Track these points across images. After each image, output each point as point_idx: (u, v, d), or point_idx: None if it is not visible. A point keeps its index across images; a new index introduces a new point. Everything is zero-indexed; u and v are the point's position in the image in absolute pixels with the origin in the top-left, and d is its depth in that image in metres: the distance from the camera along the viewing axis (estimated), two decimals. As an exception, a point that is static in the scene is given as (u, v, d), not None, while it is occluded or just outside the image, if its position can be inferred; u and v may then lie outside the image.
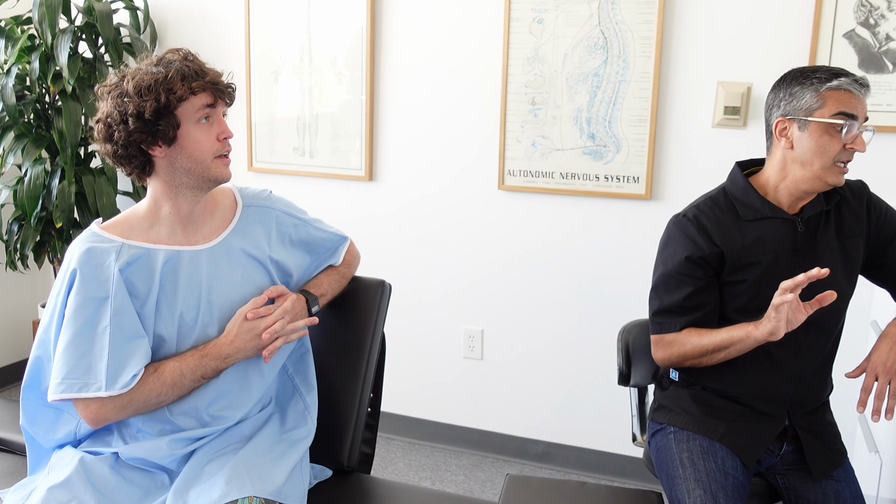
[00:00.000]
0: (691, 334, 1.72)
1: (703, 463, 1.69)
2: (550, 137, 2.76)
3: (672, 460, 1.74)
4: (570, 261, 2.84)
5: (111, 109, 1.49)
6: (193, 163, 1.52)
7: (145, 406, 1.49)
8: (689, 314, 1.73)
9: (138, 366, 1.47)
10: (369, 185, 3.08)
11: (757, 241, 1.72)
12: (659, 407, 1.86)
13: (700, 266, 1.72)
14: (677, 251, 1.74)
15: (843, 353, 2.55)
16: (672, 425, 1.80)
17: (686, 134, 2.63)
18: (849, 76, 1.63)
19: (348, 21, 2.97)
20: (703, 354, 1.70)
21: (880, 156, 2.43)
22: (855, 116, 1.62)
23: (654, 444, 1.84)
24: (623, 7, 2.60)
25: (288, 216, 1.73)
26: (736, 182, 1.78)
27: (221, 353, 1.54)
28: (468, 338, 3.03)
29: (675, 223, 1.77)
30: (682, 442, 1.75)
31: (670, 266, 1.75)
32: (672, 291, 1.75)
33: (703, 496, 1.62)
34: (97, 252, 1.50)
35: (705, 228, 1.73)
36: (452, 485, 2.87)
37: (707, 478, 1.66)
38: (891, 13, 2.36)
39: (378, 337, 1.85)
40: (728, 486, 1.66)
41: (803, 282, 1.51)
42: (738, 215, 1.75)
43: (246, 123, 3.20)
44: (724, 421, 1.75)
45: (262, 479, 1.49)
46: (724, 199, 1.78)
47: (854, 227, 1.76)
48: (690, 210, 1.78)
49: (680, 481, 1.68)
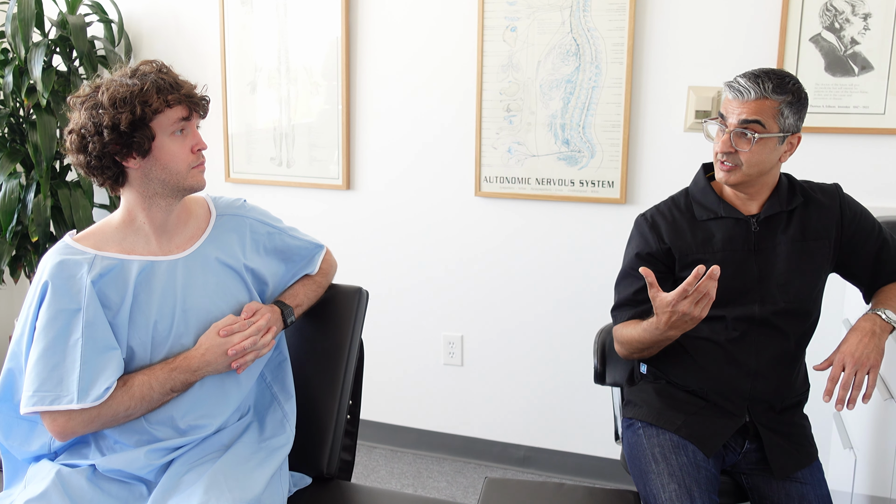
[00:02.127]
0: (627, 326, 1.79)
1: (674, 457, 1.72)
2: (526, 144, 2.78)
3: (644, 455, 1.76)
4: (548, 266, 2.87)
5: (85, 121, 1.49)
6: (168, 174, 1.53)
7: (113, 420, 1.49)
8: (639, 306, 1.80)
9: (111, 378, 1.46)
10: (347, 194, 3.09)
11: (706, 239, 1.78)
12: (627, 402, 1.92)
13: (648, 262, 1.78)
14: (631, 248, 1.85)
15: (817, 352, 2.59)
16: (638, 419, 1.84)
17: (659, 138, 2.67)
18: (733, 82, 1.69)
19: (324, 31, 2.99)
20: (636, 346, 1.77)
21: (850, 158, 2.48)
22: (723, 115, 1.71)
23: (626, 440, 1.88)
24: (595, 14, 2.63)
25: (262, 224, 1.73)
26: (697, 183, 1.85)
27: (191, 367, 1.53)
28: (448, 344, 3.04)
29: (635, 223, 1.87)
30: (653, 437, 1.78)
31: (626, 263, 1.85)
32: (626, 287, 1.84)
33: (678, 490, 1.64)
34: (69, 264, 1.50)
35: (657, 227, 1.81)
36: (435, 491, 2.88)
37: (680, 471, 1.68)
38: (855, 17, 2.41)
39: (356, 344, 1.86)
40: (701, 479, 1.68)
41: (690, 282, 1.55)
42: (695, 215, 1.81)
43: (223, 134, 3.20)
44: (683, 413, 1.79)
45: (241, 488, 1.49)
46: (684, 200, 1.85)
47: (821, 229, 1.78)
48: (651, 210, 1.86)
49: (654, 476, 1.70)
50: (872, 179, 2.46)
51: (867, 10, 2.39)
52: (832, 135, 2.49)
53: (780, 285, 1.76)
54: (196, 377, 1.55)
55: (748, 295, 1.75)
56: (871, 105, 2.43)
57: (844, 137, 2.48)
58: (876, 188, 2.46)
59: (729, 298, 1.73)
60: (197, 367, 1.54)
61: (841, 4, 2.41)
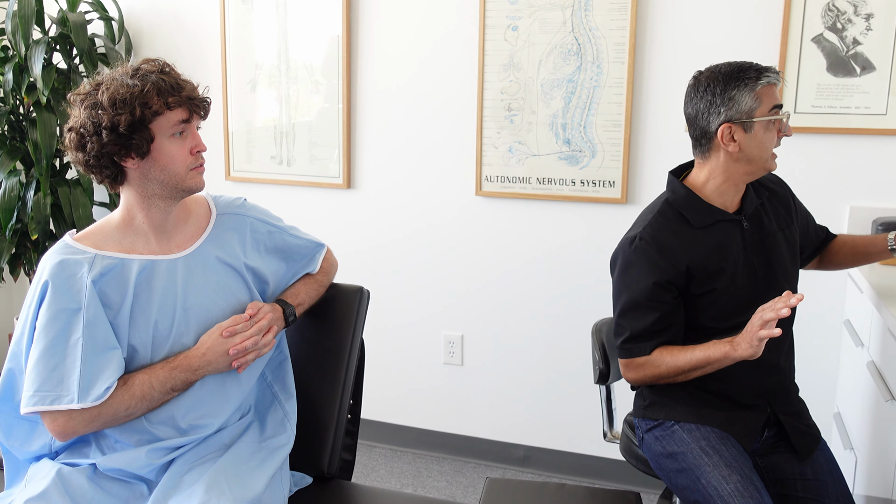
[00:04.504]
0: (664, 355, 1.72)
1: (725, 449, 1.71)
2: (527, 143, 2.78)
3: (690, 451, 1.73)
4: (548, 266, 2.86)
5: (84, 119, 1.48)
6: (167, 175, 1.52)
7: (114, 420, 1.48)
8: (659, 337, 1.73)
9: (111, 378, 1.46)
10: (347, 193, 3.08)
11: (717, 247, 1.73)
12: (651, 404, 1.85)
13: (667, 290, 1.72)
14: (642, 276, 1.72)
15: (816, 352, 2.60)
16: (671, 419, 1.80)
17: (660, 138, 2.66)
18: (770, 70, 1.68)
19: (324, 29, 2.98)
20: (679, 373, 1.71)
21: (851, 158, 2.48)
22: (782, 106, 1.70)
23: (654, 440, 1.83)
24: (596, 14, 2.63)
25: (262, 223, 1.73)
26: (677, 191, 1.78)
27: (192, 366, 1.53)
28: (448, 343, 3.04)
29: (633, 249, 1.74)
30: (694, 432, 1.75)
31: (636, 293, 1.73)
32: (640, 318, 1.73)
33: (742, 481, 1.63)
34: (69, 263, 1.49)
35: (666, 249, 1.72)
36: (434, 490, 2.88)
37: (736, 462, 1.68)
38: (857, 18, 2.41)
39: (357, 343, 1.86)
40: (753, 469, 1.70)
41: (785, 313, 1.52)
42: (690, 224, 1.75)
43: (223, 132, 3.19)
44: (719, 410, 1.78)
45: (242, 488, 1.49)
46: (671, 211, 1.77)
47: (786, 217, 1.83)
48: (645, 231, 1.74)
49: (709, 468, 1.68)
50: (874, 180, 2.46)
51: (869, 11, 2.39)
52: (833, 135, 2.48)
53: (783, 275, 1.77)
54: (197, 376, 1.54)
55: (762, 294, 1.73)
56: (872, 105, 2.43)
57: (846, 138, 2.48)
58: (877, 189, 2.45)
59: (749, 301, 1.71)
60: (198, 366, 1.54)
61: (843, 5, 2.41)
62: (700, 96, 1.72)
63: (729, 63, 1.72)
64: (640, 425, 1.88)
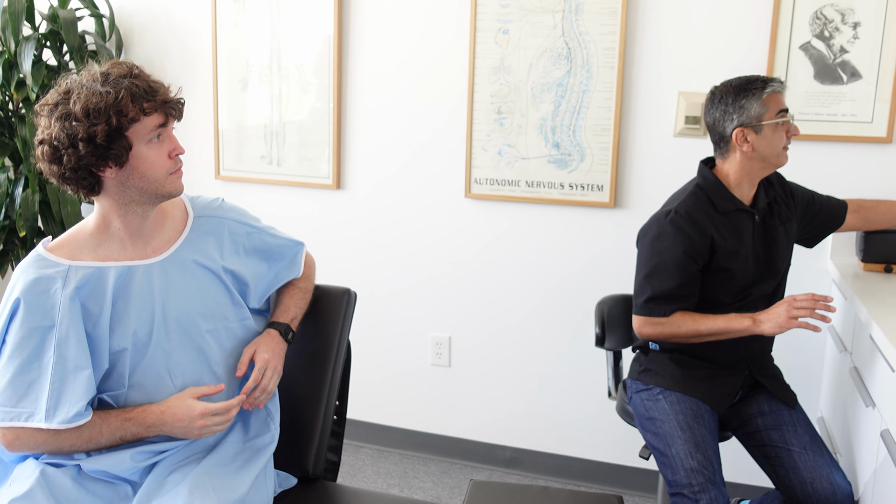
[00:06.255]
0: (686, 319, 1.97)
1: (697, 426, 1.96)
2: (516, 146, 2.79)
3: (669, 421, 1.99)
4: (536, 268, 2.88)
5: (57, 132, 1.43)
6: (146, 182, 1.50)
7: (58, 451, 1.48)
8: (678, 302, 1.98)
9: (80, 402, 1.45)
10: (337, 194, 3.08)
11: (734, 231, 2.00)
12: (645, 370, 2.12)
13: (694, 260, 1.97)
14: (674, 245, 1.97)
15: (801, 357, 2.62)
16: (658, 386, 2.06)
17: (648, 143, 2.68)
18: (775, 80, 1.97)
19: (316, 29, 2.98)
20: (696, 336, 1.97)
21: (837, 165, 2.50)
22: (787, 109, 1.98)
23: (640, 401, 2.10)
24: (586, 18, 2.64)
25: (240, 224, 1.71)
26: (707, 178, 2.04)
27: (146, 421, 1.50)
28: (436, 345, 3.05)
29: (668, 220, 1.98)
30: (675, 404, 2.01)
31: (666, 258, 1.97)
32: (665, 281, 1.98)
33: (703, 461, 1.89)
34: (42, 280, 1.47)
35: (696, 221, 1.97)
36: (420, 492, 2.89)
37: (703, 442, 1.93)
38: (845, 26, 2.42)
39: (344, 345, 1.86)
40: (715, 447, 1.96)
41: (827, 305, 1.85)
42: (715, 208, 2.00)
43: (213, 131, 3.19)
44: (700, 379, 2.04)
45: (226, 488, 1.49)
46: (702, 194, 2.02)
47: (786, 212, 2.10)
48: (680, 207, 1.99)
49: (680, 443, 1.94)
50: (860, 187, 2.48)
51: (857, 19, 2.41)
52: (820, 142, 2.50)
53: (780, 262, 2.06)
54: (150, 433, 1.51)
55: (764, 277, 2.04)
56: (858, 113, 2.45)
57: (832, 145, 2.50)
58: (863, 196, 2.47)
59: (753, 282, 2.02)
60: (152, 423, 1.50)
61: (831, 13, 2.42)
62: (716, 106, 2.00)
63: (739, 77, 2.00)
64: (632, 386, 2.15)
